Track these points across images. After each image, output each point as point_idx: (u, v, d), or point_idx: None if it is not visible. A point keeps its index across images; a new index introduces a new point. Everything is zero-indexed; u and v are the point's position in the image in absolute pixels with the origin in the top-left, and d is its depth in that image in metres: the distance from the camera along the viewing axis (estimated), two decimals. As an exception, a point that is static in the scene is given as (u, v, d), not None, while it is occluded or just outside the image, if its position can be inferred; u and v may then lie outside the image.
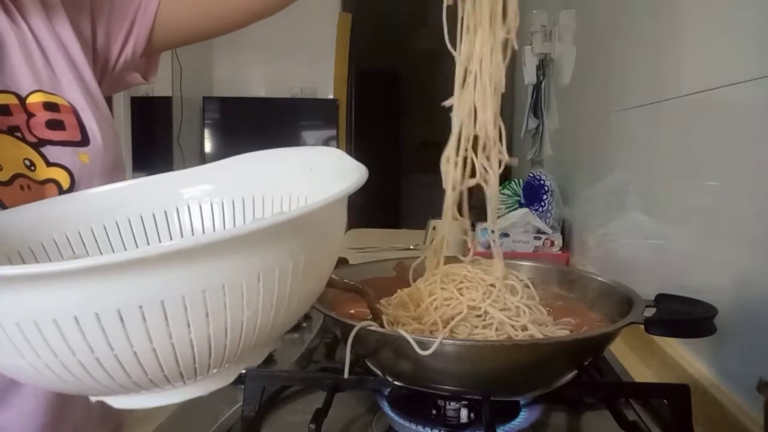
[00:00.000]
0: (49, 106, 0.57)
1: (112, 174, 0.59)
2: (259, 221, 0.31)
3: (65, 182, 0.56)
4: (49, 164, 0.56)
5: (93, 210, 0.48)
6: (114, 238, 0.48)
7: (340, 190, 0.36)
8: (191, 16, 0.71)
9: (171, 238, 0.50)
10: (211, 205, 0.50)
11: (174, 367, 0.33)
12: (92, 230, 0.48)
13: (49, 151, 0.56)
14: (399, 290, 0.65)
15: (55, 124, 0.57)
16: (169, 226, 0.50)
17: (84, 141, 0.58)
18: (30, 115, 0.56)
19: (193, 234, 0.50)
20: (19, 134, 0.55)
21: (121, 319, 0.29)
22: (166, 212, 0.50)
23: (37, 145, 0.55)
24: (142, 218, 0.49)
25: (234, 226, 0.49)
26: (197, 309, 0.31)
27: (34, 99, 0.56)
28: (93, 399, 0.36)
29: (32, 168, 0.55)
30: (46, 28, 0.60)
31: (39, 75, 0.58)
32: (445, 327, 0.57)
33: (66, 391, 0.34)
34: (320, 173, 0.45)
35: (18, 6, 0.59)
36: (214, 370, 0.36)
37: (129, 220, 0.49)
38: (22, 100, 0.56)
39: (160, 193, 0.50)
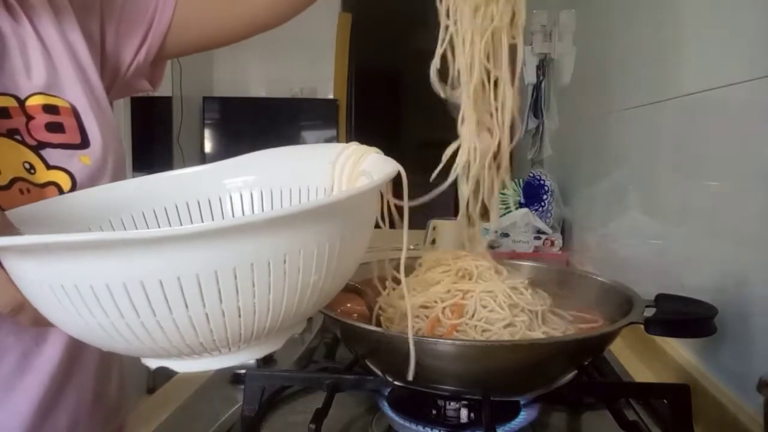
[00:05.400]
0: (49, 109, 0.57)
1: (115, 176, 0.59)
2: (333, 196, 0.38)
3: (66, 185, 0.56)
4: (49, 167, 0.55)
5: (136, 198, 0.51)
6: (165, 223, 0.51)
7: (377, 179, 0.40)
8: (203, 25, 0.71)
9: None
10: (251, 194, 0.53)
11: (236, 331, 0.35)
12: (143, 215, 0.51)
13: (49, 153, 0.56)
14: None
15: (54, 127, 0.56)
16: (212, 213, 0.52)
17: (84, 143, 0.58)
18: (29, 117, 0.55)
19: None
20: (18, 137, 0.54)
21: (199, 284, 0.32)
22: (209, 200, 0.52)
23: (37, 147, 0.55)
24: (188, 205, 0.52)
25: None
26: (273, 274, 0.34)
27: (34, 101, 0.56)
28: (154, 365, 0.39)
29: (32, 171, 0.55)
30: (53, 29, 0.59)
31: (40, 77, 0.57)
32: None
33: (134, 353, 0.37)
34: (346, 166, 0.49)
35: (24, 6, 0.58)
36: (268, 336, 0.39)
37: (176, 207, 0.52)
38: (21, 102, 0.55)
39: (203, 183, 0.53)
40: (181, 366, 0.39)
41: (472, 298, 0.58)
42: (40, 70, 0.57)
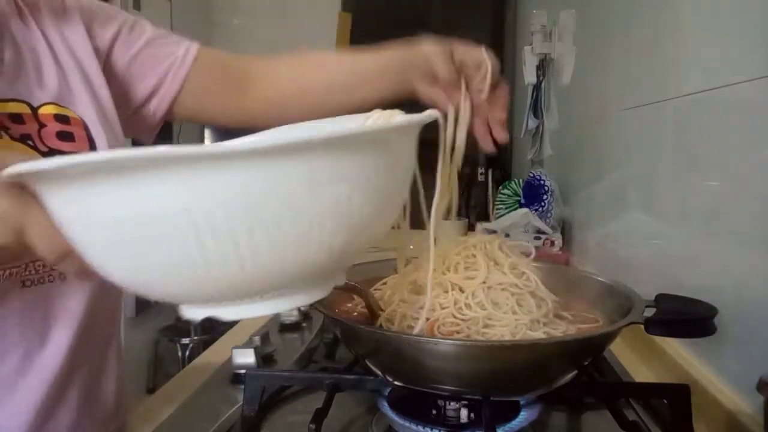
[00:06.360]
0: (60, 118, 0.57)
1: None
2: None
3: None
4: None
5: None
6: None
7: (413, 116, 0.39)
8: (212, 101, 0.71)
9: None
10: None
11: (297, 263, 0.35)
12: None
13: None
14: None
15: (65, 136, 0.57)
16: None
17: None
18: (41, 125, 0.56)
19: None
20: (31, 142, 0.55)
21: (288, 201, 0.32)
22: None
23: (48, 154, 0.56)
24: None
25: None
26: (332, 200, 0.34)
27: (46, 110, 0.57)
28: (199, 315, 0.38)
29: None
30: (62, 41, 0.60)
31: (52, 88, 0.58)
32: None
33: (181, 296, 0.37)
34: None
35: (37, 20, 0.59)
36: (314, 279, 0.39)
37: None
38: (34, 110, 0.56)
39: None
40: (226, 313, 0.38)
41: (476, 297, 0.58)
42: (53, 81, 0.58)
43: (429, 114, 0.41)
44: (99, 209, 0.32)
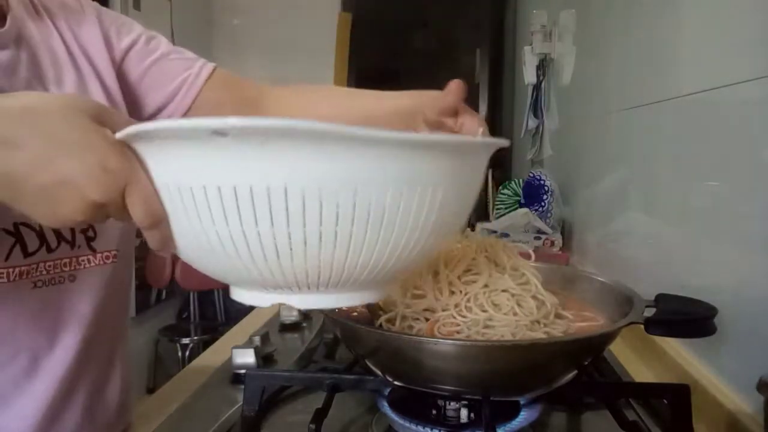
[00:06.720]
0: None
1: None
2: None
3: None
4: None
5: None
6: None
7: (492, 139, 0.43)
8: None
9: None
10: None
11: (370, 259, 0.36)
12: None
13: None
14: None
15: None
16: None
17: None
18: None
19: None
20: None
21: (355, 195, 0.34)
22: None
23: None
24: None
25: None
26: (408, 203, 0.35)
27: None
28: (268, 302, 0.40)
29: None
30: (78, 45, 0.60)
31: (71, 89, 0.58)
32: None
33: (251, 279, 0.38)
34: None
35: (55, 23, 0.59)
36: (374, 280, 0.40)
37: None
38: None
39: None
40: (295, 301, 0.39)
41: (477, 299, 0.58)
42: (71, 82, 0.58)
43: (503, 141, 0.45)
44: (203, 175, 0.33)
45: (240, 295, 0.41)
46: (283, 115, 0.74)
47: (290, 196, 0.32)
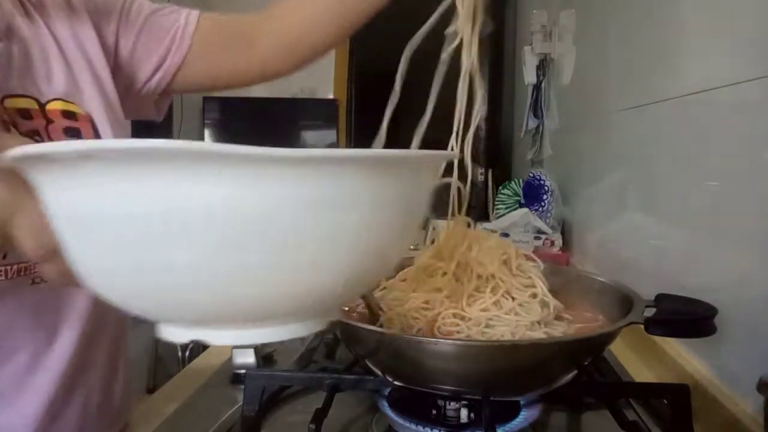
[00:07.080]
0: (68, 114, 0.57)
1: None
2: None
3: None
4: None
5: None
6: None
7: (442, 152, 0.39)
8: (214, 65, 0.72)
9: None
10: None
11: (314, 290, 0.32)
12: None
13: None
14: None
15: (72, 132, 0.57)
16: None
17: None
18: (49, 121, 0.56)
19: None
20: (38, 138, 0.55)
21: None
22: None
23: None
24: None
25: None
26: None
27: (54, 106, 0.57)
28: (185, 338, 0.34)
29: None
30: (69, 35, 0.60)
31: (60, 84, 0.58)
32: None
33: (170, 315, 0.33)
34: None
35: (40, 10, 0.59)
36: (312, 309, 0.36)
37: None
38: (41, 105, 0.56)
39: None
40: (215, 337, 0.34)
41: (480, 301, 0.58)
42: (61, 77, 0.58)
43: (450, 154, 0.44)
44: (99, 202, 0.29)
45: (158, 329, 0.36)
46: (277, 40, 0.74)
47: (171, 223, 0.28)
